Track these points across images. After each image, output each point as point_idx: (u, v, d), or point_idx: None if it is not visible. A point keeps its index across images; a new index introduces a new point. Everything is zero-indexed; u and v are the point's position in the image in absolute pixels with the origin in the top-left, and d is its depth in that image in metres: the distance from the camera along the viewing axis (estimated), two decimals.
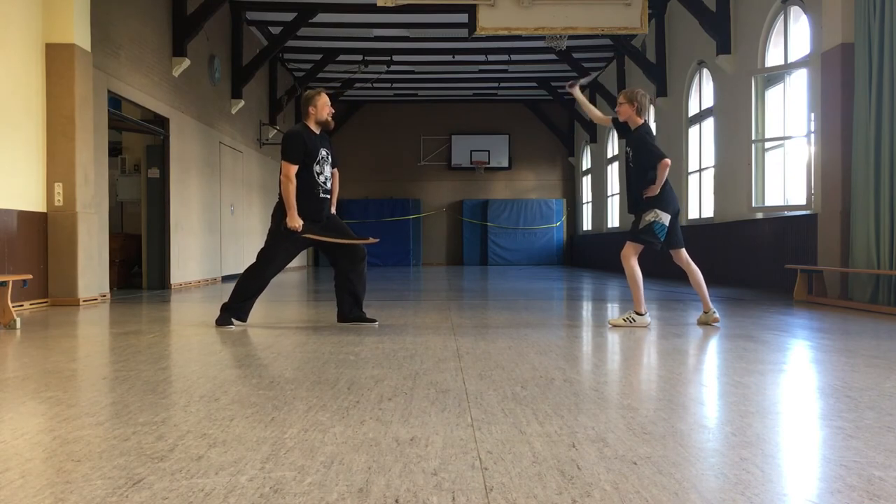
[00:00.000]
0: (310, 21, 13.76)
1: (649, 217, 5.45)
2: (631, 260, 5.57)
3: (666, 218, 5.46)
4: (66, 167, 7.67)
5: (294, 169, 5.22)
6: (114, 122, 9.77)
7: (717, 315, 5.56)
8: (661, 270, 13.76)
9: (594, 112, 6.17)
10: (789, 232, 9.20)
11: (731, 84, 10.87)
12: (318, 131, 5.42)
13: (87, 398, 3.01)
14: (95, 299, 8.03)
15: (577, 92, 6.09)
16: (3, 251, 6.89)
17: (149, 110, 10.26)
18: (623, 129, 5.77)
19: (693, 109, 12.87)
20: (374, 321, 5.55)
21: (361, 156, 21.96)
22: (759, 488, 1.85)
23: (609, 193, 18.60)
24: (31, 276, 6.35)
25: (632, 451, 2.17)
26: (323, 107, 5.40)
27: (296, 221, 5.20)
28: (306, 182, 5.31)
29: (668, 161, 5.35)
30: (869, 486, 1.87)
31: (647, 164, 5.43)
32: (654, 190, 5.41)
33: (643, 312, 5.49)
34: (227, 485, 1.88)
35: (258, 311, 7.33)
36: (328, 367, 3.64)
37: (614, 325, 5.52)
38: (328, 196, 5.46)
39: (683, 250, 5.74)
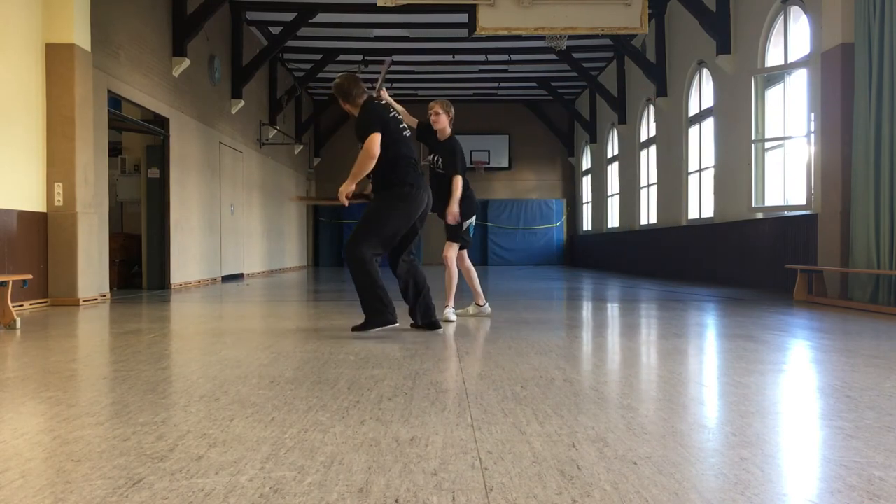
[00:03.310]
0: (310, 21, 13.76)
1: (466, 221, 6.00)
2: (452, 259, 6.02)
3: (473, 219, 6.14)
4: (66, 167, 7.67)
5: None
6: (114, 122, 9.77)
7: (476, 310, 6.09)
8: (659, 271, 13.75)
9: (402, 112, 5.94)
10: (789, 232, 9.20)
11: (731, 84, 10.87)
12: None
13: (87, 398, 3.01)
14: (95, 299, 8.03)
15: (384, 93, 5.71)
16: (3, 251, 6.89)
17: (149, 110, 10.26)
18: (428, 135, 6.07)
19: (693, 109, 12.87)
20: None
21: None
22: (759, 488, 1.85)
23: (609, 193, 18.60)
24: (31, 276, 6.35)
25: (632, 451, 2.17)
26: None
27: None
28: None
29: (460, 178, 5.85)
30: (869, 486, 1.87)
31: (452, 173, 5.91)
32: (454, 204, 5.86)
33: (483, 303, 6.13)
34: (227, 485, 1.88)
35: (258, 310, 7.33)
36: (328, 367, 3.64)
37: (472, 315, 6.02)
38: None
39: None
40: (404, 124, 5.11)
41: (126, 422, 2.54)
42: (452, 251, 5.95)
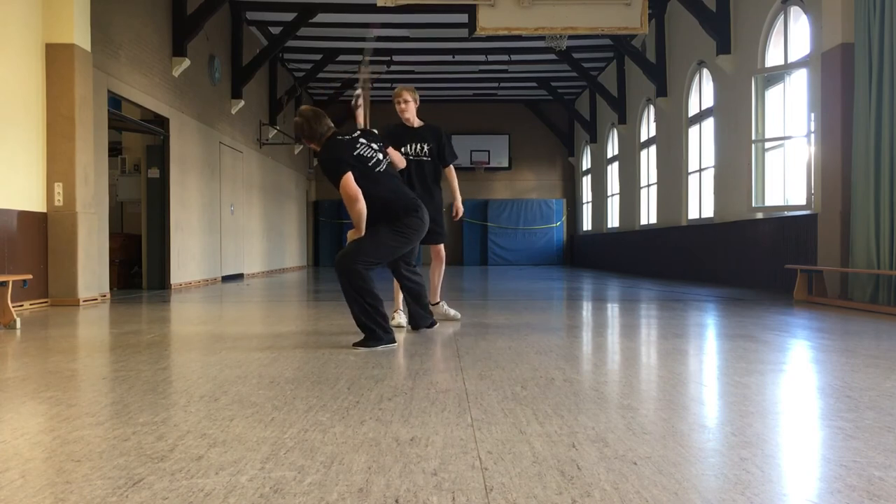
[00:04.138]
0: (310, 21, 13.77)
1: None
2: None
3: None
4: (66, 167, 7.67)
5: None
6: (114, 122, 9.77)
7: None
8: (659, 271, 13.75)
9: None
10: (789, 232, 9.20)
11: (731, 84, 10.86)
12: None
13: (87, 398, 3.01)
14: (95, 299, 8.03)
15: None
16: (3, 251, 6.89)
17: (149, 110, 10.26)
18: (403, 130, 5.63)
19: (693, 109, 12.87)
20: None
21: None
22: (759, 488, 1.85)
23: (609, 193, 18.60)
24: (31, 276, 6.35)
25: (632, 451, 2.17)
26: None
27: None
28: None
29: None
30: (869, 486, 1.87)
31: (445, 161, 5.70)
32: (459, 199, 5.83)
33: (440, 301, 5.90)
34: (227, 485, 1.88)
35: (257, 311, 7.33)
36: (328, 367, 3.64)
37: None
38: None
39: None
40: (374, 152, 4.49)
41: (126, 422, 2.54)
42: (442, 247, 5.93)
